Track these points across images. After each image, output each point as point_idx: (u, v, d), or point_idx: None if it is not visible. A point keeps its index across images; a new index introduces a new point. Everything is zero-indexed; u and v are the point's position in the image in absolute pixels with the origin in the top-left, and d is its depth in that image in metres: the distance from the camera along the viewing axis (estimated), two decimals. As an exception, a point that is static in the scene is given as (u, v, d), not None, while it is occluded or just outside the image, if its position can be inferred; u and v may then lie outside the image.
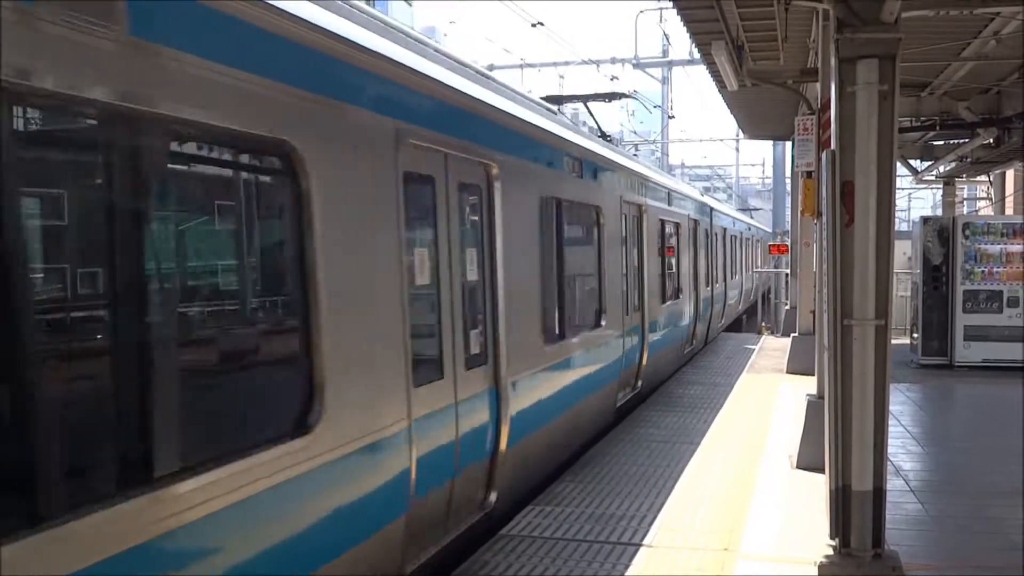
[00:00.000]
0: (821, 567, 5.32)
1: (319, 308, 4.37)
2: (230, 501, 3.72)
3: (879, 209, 5.17)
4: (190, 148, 3.93)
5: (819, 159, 8.82)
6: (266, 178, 4.55)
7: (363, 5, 5.78)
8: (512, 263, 7.06)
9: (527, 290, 7.61)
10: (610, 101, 14.24)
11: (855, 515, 5.28)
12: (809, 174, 9.95)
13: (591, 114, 13.70)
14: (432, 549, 5.77)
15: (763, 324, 28.11)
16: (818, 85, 9.40)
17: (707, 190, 31.23)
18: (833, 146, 5.30)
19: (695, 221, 18.07)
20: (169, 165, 3.82)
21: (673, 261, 15.36)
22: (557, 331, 8.52)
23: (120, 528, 3.16)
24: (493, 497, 6.72)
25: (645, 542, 6.35)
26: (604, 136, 13.08)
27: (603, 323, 10.19)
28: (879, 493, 5.28)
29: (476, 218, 6.66)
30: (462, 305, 6.22)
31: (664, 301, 14.30)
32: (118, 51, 3.21)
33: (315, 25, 4.55)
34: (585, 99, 13.76)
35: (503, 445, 6.75)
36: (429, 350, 5.78)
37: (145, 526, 3.27)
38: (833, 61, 5.28)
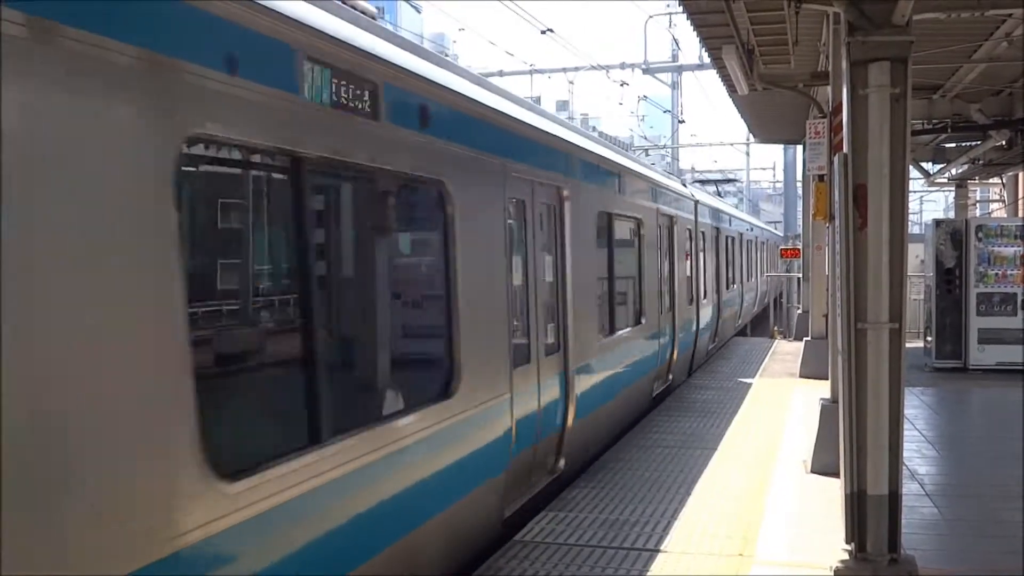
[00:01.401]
0: (837, 572, 5.30)
1: (458, 301, 5.78)
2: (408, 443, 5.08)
3: (892, 212, 5.15)
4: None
5: (831, 162, 8.81)
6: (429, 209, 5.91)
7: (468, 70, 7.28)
8: (577, 268, 8.38)
9: (588, 291, 8.92)
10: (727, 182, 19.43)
11: (871, 519, 5.26)
12: (821, 177, 9.91)
13: (717, 190, 19.68)
14: (522, 500, 7.15)
15: (775, 328, 27.95)
16: (829, 88, 9.39)
17: (717, 194, 31.35)
18: (845, 149, 5.29)
19: (716, 229, 19.13)
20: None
21: (697, 267, 16.40)
22: (609, 327, 9.95)
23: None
24: (562, 464, 8.07)
25: (659, 547, 6.34)
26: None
27: (642, 321, 11.53)
28: (894, 497, 5.26)
29: (551, 231, 8.07)
30: (543, 303, 7.60)
31: (690, 303, 15.47)
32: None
33: (468, 97, 6.12)
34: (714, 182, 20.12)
35: (570, 421, 8.08)
36: (521, 339, 7.13)
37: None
38: (844, 64, 5.27)
